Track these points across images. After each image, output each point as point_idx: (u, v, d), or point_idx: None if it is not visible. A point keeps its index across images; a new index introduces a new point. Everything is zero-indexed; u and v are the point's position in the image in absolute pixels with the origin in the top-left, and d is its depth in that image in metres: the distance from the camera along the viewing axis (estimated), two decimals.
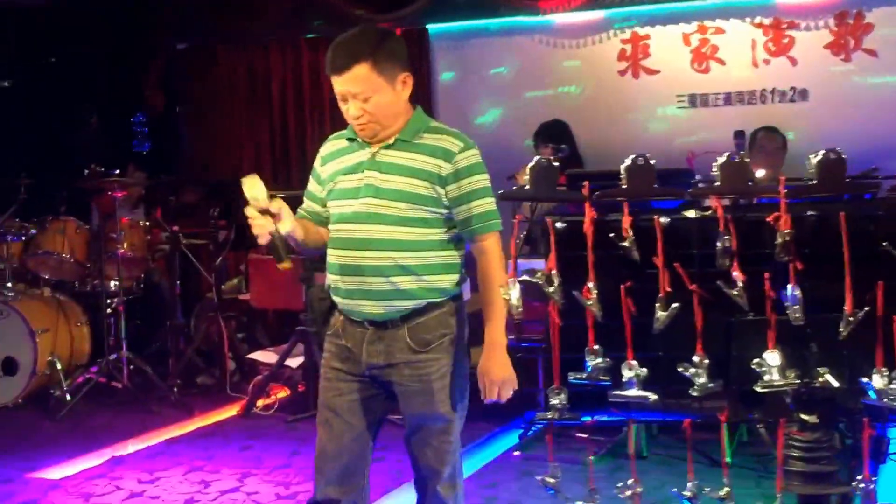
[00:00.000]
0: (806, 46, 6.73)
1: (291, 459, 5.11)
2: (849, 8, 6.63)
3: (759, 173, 2.14)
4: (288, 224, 2.74)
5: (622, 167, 1.95)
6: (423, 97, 7.65)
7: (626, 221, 1.85)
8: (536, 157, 2.02)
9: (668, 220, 1.87)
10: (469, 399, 2.96)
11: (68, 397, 6.07)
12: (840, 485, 1.89)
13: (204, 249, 7.01)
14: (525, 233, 6.06)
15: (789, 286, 1.81)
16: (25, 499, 4.59)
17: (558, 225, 1.90)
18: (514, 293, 1.99)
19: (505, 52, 7.43)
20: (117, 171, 6.33)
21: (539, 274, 1.98)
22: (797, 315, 1.81)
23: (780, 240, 1.81)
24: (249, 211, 2.71)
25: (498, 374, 2.78)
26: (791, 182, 1.80)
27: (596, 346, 1.91)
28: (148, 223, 6.76)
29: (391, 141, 2.85)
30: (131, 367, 6.27)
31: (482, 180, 2.81)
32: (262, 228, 2.70)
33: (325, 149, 3.01)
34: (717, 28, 6.90)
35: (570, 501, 2.13)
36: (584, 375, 1.93)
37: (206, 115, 8.29)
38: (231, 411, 6.14)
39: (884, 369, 1.82)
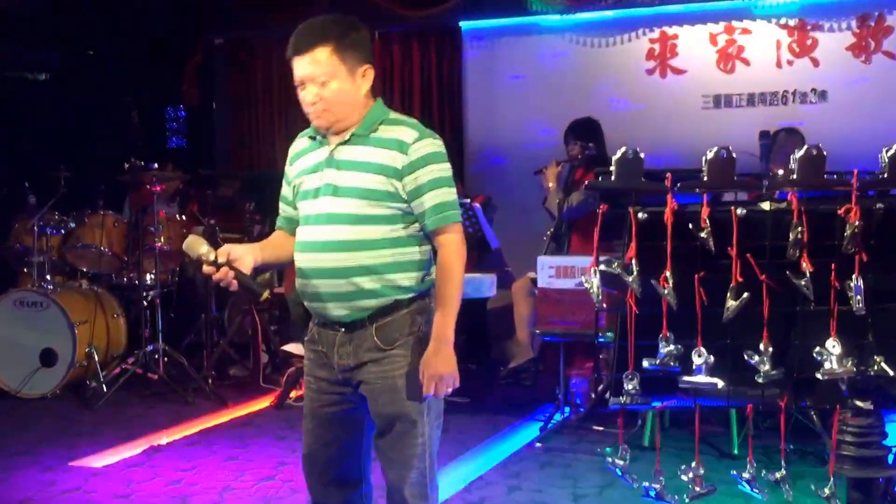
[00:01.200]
0: (828, 48, 6.71)
1: None
2: (871, 10, 6.59)
3: (781, 173, 2.13)
4: (248, 261, 2.65)
5: (704, 159, 1.94)
6: (454, 93, 7.66)
7: (705, 212, 1.84)
8: (622, 149, 2.00)
9: (745, 211, 1.86)
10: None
11: (105, 388, 6.09)
12: (889, 469, 1.92)
13: (238, 243, 7.00)
14: (551, 230, 6.05)
15: (854, 277, 1.81)
16: (68, 486, 4.60)
17: (640, 215, 1.90)
18: (595, 281, 1.98)
19: (535, 49, 7.42)
20: (156, 165, 6.31)
21: (615, 264, 1.97)
22: (860, 305, 1.82)
23: (848, 231, 1.81)
24: (205, 269, 2.62)
25: (440, 368, 2.62)
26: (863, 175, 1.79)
27: (668, 334, 1.91)
28: (184, 217, 6.77)
29: (347, 137, 2.72)
30: (166, 358, 6.29)
31: (439, 170, 2.67)
32: (225, 278, 2.59)
33: (293, 148, 2.89)
34: (743, 28, 6.86)
35: (637, 481, 2.12)
36: (657, 361, 1.93)
37: (241, 109, 8.30)
38: (264, 403, 6.14)
39: None
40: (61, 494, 4.49)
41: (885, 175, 1.80)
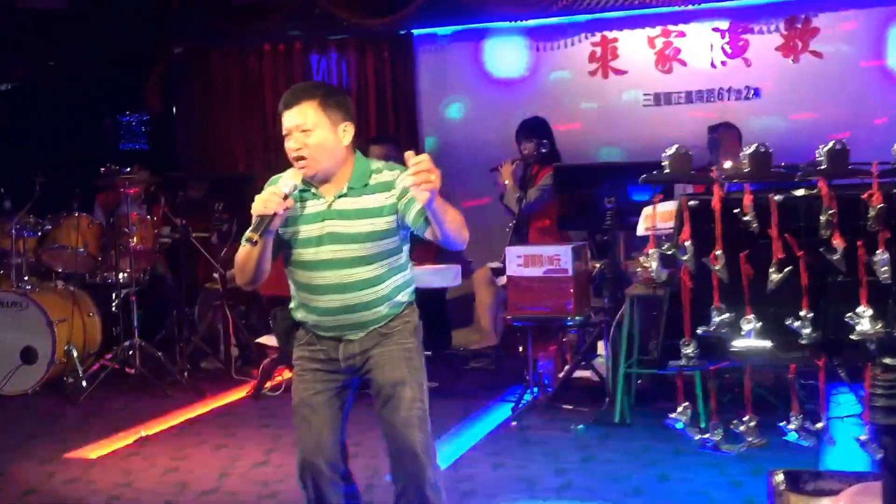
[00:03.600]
0: (759, 48, 6.92)
1: None
2: (798, 13, 6.83)
3: (727, 164, 2.30)
4: (279, 221, 2.86)
5: (747, 153, 2.11)
6: (408, 97, 7.72)
7: (748, 199, 2.04)
8: (675, 146, 2.17)
9: (781, 197, 2.05)
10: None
11: (84, 384, 6.02)
12: None
13: (206, 242, 6.99)
14: (512, 223, 6.16)
15: (879, 251, 2.03)
16: (67, 477, 4.57)
17: (691, 203, 2.08)
18: (655, 262, 2.13)
19: (485, 53, 7.51)
20: (129, 170, 6.28)
21: (667, 245, 2.13)
22: (885, 275, 2.03)
23: (872, 213, 2.03)
24: (277, 188, 2.84)
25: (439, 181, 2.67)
26: (882, 165, 2.00)
27: (719, 305, 2.08)
28: (155, 218, 6.72)
29: (344, 190, 2.93)
30: (142, 354, 6.24)
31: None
32: (276, 206, 2.79)
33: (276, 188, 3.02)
34: (679, 32, 7.05)
35: (697, 434, 2.26)
36: (712, 328, 2.10)
37: (201, 116, 8.25)
38: (240, 393, 6.14)
39: None
40: (63, 485, 4.46)
41: None
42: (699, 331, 2.11)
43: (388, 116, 7.81)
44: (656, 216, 5.29)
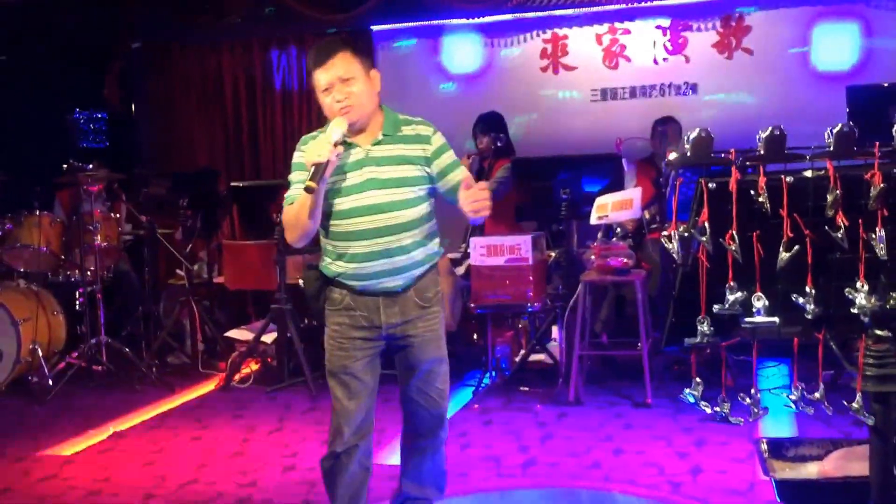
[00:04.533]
0: (697, 46, 7.09)
1: (282, 424, 5.17)
2: (732, 12, 7.01)
3: (672, 155, 2.40)
4: (331, 169, 2.97)
5: (762, 136, 2.18)
6: None
7: (762, 181, 2.11)
8: (697, 129, 2.23)
9: (792, 179, 2.13)
10: None
11: (50, 382, 5.93)
12: None
13: (170, 238, 6.92)
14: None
15: (877, 229, 2.11)
16: (43, 474, 4.52)
17: (710, 185, 2.14)
18: (675, 244, 2.20)
19: (442, 50, 7.56)
20: (90, 167, 6.17)
21: (683, 227, 2.20)
22: (882, 252, 2.11)
23: (873, 192, 2.11)
24: (328, 136, 2.93)
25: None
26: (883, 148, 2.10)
27: (732, 283, 2.16)
28: (118, 215, 6.63)
29: (379, 137, 3.04)
30: (109, 351, 6.16)
31: (452, 154, 3.16)
32: (329, 153, 2.89)
33: (308, 145, 3.07)
34: (624, 29, 7.19)
35: (708, 407, 2.33)
36: (727, 307, 2.17)
37: (161, 112, 8.13)
38: (208, 386, 6.11)
39: None
40: (39, 482, 4.41)
41: None
42: (715, 308, 2.17)
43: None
44: (609, 206, 5.44)
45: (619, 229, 5.77)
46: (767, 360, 5.70)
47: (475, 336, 6.33)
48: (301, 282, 3.42)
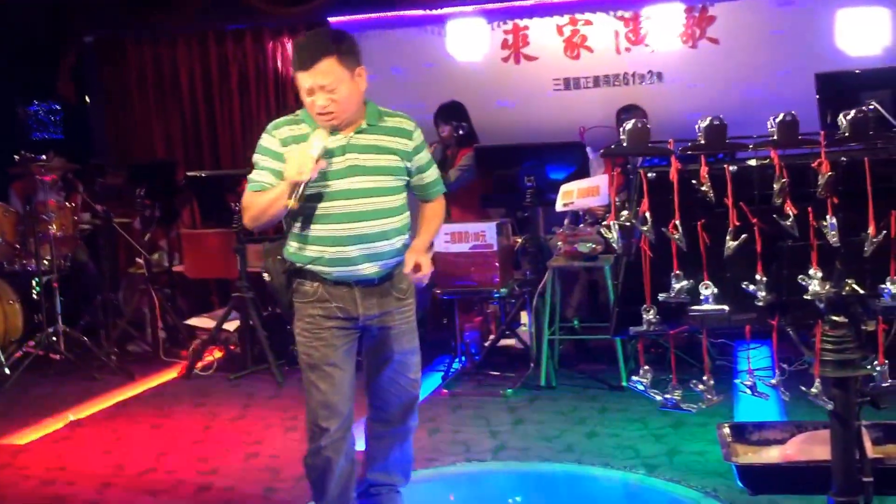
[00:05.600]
0: (660, 35, 7.01)
1: (245, 411, 5.01)
2: (695, 3, 6.95)
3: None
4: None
5: (701, 125, 2.12)
6: None
7: (704, 170, 2.07)
8: (633, 120, 2.15)
9: (736, 168, 2.08)
10: None
11: (7, 371, 5.71)
12: (862, 368, 2.15)
13: (127, 227, 6.71)
14: None
15: (828, 216, 2.08)
16: None
17: (650, 175, 2.08)
18: (615, 233, 2.12)
19: (401, 42, 7.41)
20: (44, 157, 5.97)
21: (625, 216, 2.12)
22: (834, 239, 2.07)
23: (821, 180, 2.08)
24: (310, 151, 2.84)
25: (429, 265, 3.02)
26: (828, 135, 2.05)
27: (678, 272, 2.08)
28: (74, 205, 6.41)
29: (363, 126, 2.97)
30: (66, 339, 5.94)
31: (428, 153, 3.16)
32: (311, 171, 2.82)
33: (282, 133, 2.97)
34: (585, 20, 7.10)
35: (658, 395, 2.25)
36: (672, 295, 2.09)
37: (116, 105, 7.90)
38: (170, 375, 5.92)
39: None
40: None
41: (846, 134, 2.06)
42: (660, 297, 2.11)
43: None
44: (574, 193, 5.36)
45: (588, 216, 5.69)
46: (745, 342, 5.63)
47: (444, 321, 6.21)
48: (265, 275, 3.25)
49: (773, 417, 4.38)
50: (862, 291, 2.08)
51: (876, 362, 2.18)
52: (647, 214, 2.07)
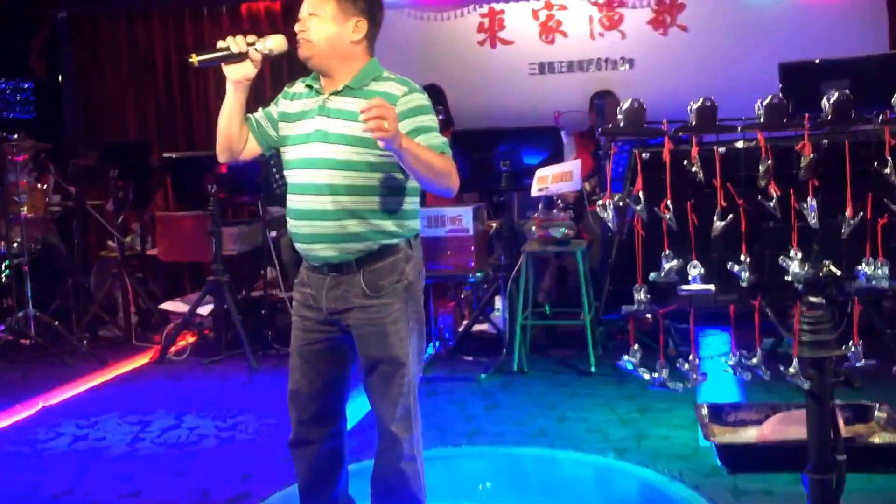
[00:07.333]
0: (633, 22, 6.97)
1: (219, 397, 4.90)
2: None
3: (611, 125, 2.30)
4: (235, 68, 2.69)
5: (693, 107, 2.08)
6: (294, 69, 7.40)
7: (695, 151, 2.08)
8: (630, 100, 2.11)
9: (724, 149, 2.05)
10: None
11: None
12: (837, 349, 2.17)
13: (100, 209, 6.54)
14: None
15: (808, 198, 2.08)
16: None
17: (644, 156, 2.04)
18: (609, 212, 2.08)
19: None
20: (15, 137, 5.77)
21: (618, 197, 2.07)
22: (814, 221, 2.07)
23: (803, 163, 2.08)
24: (250, 38, 2.65)
25: (393, 125, 2.32)
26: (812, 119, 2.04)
27: (668, 252, 2.04)
28: (45, 186, 6.23)
29: (339, 88, 2.61)
30: (38, 324, 5.79)
31: (427, 119, 2.57)
32: (239, 46, 2.63)
33: (290, 87, 2.79)
34: (561, 5, 7.02)
35: (647, 373, 2.22)
36: (662, 274, 2.05)
37: (90, 82, 7.70)
38: (143, 360, 5.78)
39: (871, 259, 2.13)
40: None
41: (829, 117, 2.05)
42: (650, 277, 2.07)
43: (283, 83, 7.46)
44: (549, 178, 5.29)
45: (560, 201, 5.62)
46: (708, 328, 5.61)
47: None
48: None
49: (735, 400, 4.39)
50: (838, 273, 2.07)
51: (851, 343, 2.18)
52: (641, 194, 2.04)
